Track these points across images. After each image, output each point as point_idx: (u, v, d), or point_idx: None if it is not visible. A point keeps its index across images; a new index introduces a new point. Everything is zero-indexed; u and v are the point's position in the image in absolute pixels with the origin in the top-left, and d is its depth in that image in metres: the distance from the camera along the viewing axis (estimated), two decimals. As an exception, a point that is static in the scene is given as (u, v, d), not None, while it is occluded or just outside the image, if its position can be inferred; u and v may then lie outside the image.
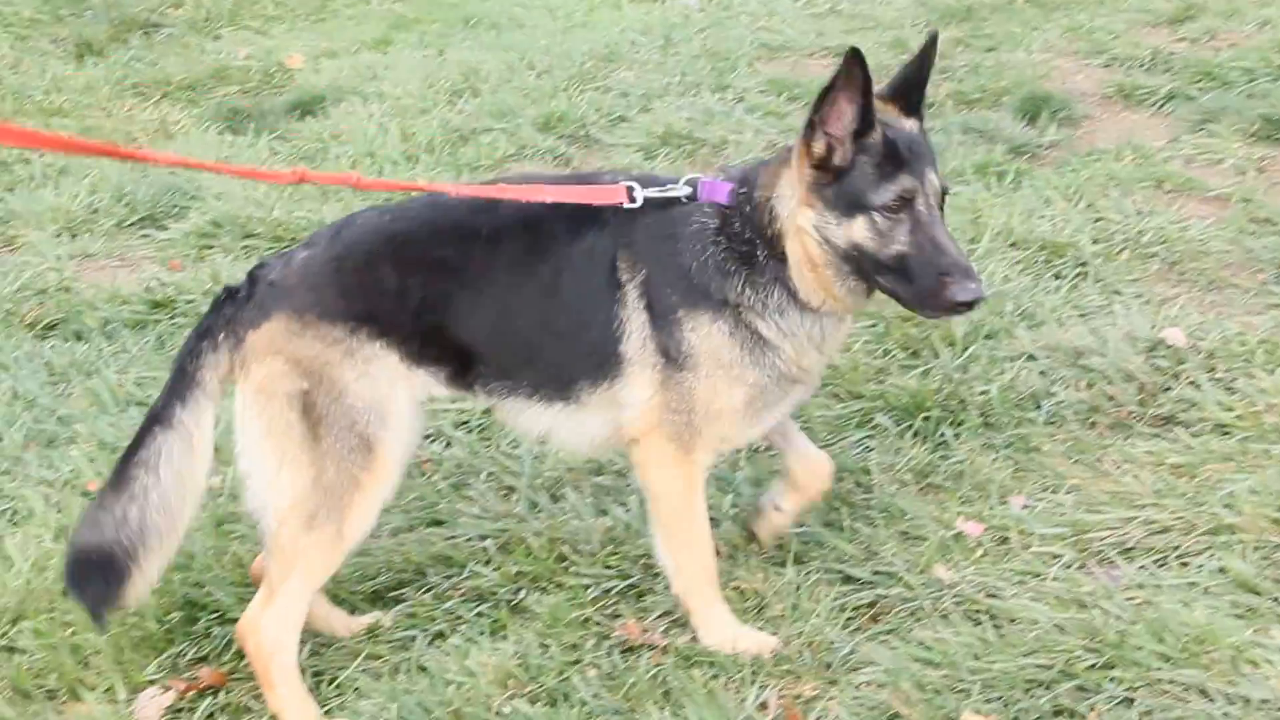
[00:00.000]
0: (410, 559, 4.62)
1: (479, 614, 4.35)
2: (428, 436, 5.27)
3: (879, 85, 3.82)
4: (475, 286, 3.90)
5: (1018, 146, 7.89)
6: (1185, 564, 4.32)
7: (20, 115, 8.64)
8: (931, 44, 3.87)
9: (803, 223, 3.84)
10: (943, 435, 5.16)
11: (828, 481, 4.48)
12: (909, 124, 3.86)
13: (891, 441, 5.15)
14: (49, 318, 6.30)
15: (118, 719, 3.98)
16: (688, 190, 3.97)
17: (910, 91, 3.90)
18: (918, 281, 3.76)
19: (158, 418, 3.91)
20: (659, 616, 4.29)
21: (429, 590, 4.48)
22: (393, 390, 3.89)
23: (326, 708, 4.00)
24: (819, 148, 3.77)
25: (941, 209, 3.81)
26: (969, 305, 3.75)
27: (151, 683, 4.14)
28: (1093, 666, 3.93)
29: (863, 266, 3.82)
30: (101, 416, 5.49)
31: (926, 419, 5.23)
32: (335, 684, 4.09)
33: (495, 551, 4.63)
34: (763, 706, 3.92)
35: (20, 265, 6.82)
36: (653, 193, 3.94)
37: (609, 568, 4.50)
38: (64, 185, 7.65)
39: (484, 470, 5.10)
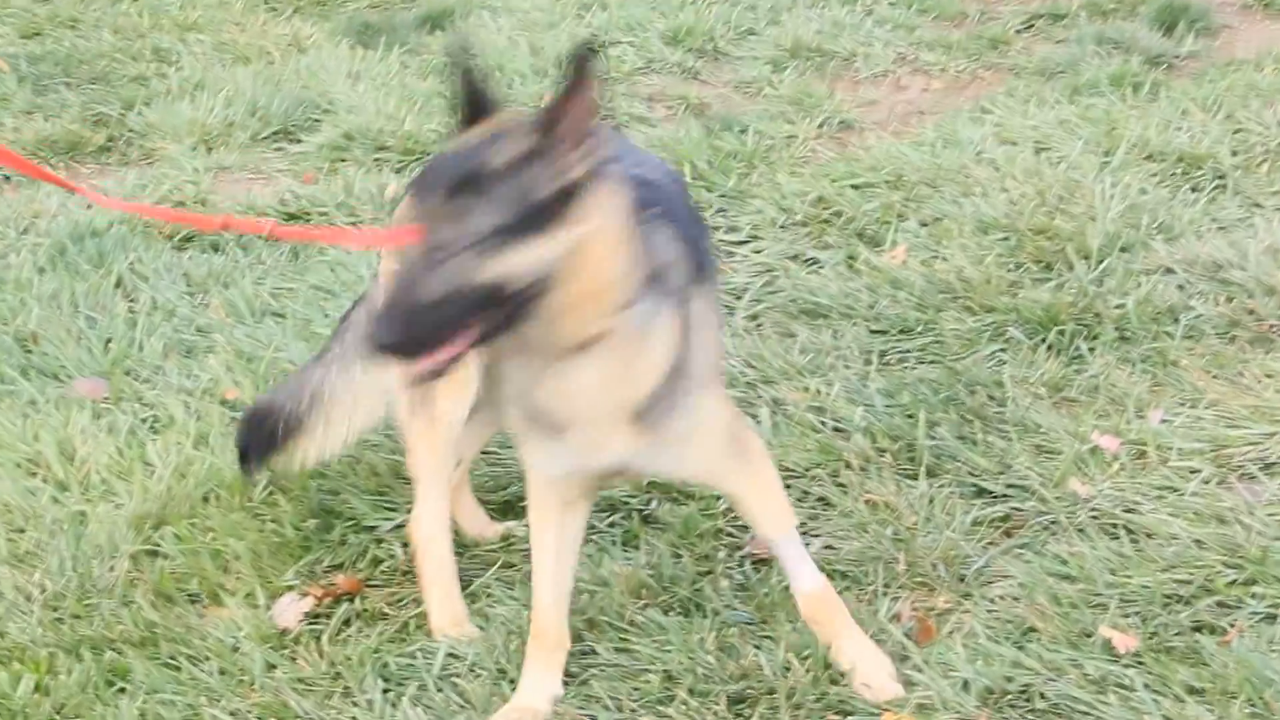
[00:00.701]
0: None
1: (610, 524, 4.37)
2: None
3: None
4: None
5: (1154, 57, 7.74)
6: (1329, 479, 4.26)
7: (156, 30, 8.72)
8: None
9: None
10: (1077, 349, 5.11)
11: None
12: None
13: (1025, 355, 5.10)
14: (187, 229, 6.37)
15: (257, 623, 4.04)
16: None
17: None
18: None
19: (364, 295, 3.97)
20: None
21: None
22: None
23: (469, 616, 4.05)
24: None
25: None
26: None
27: (289, 588, 4.19)
28: (1233, 583, 3.89)
29: None
30: (239, 327, 5.56)
31: (1061, 333, 5.18)
32: (469, 591, 4.13)
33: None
34: (895, 618, 3.92)
35: (159, 177, 6.90)
36: None
37: (740, 479, 4.51)
38: (200, 99, 7.70)
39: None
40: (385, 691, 3.78)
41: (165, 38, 8.65)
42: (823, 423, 4.75)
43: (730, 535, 4.29)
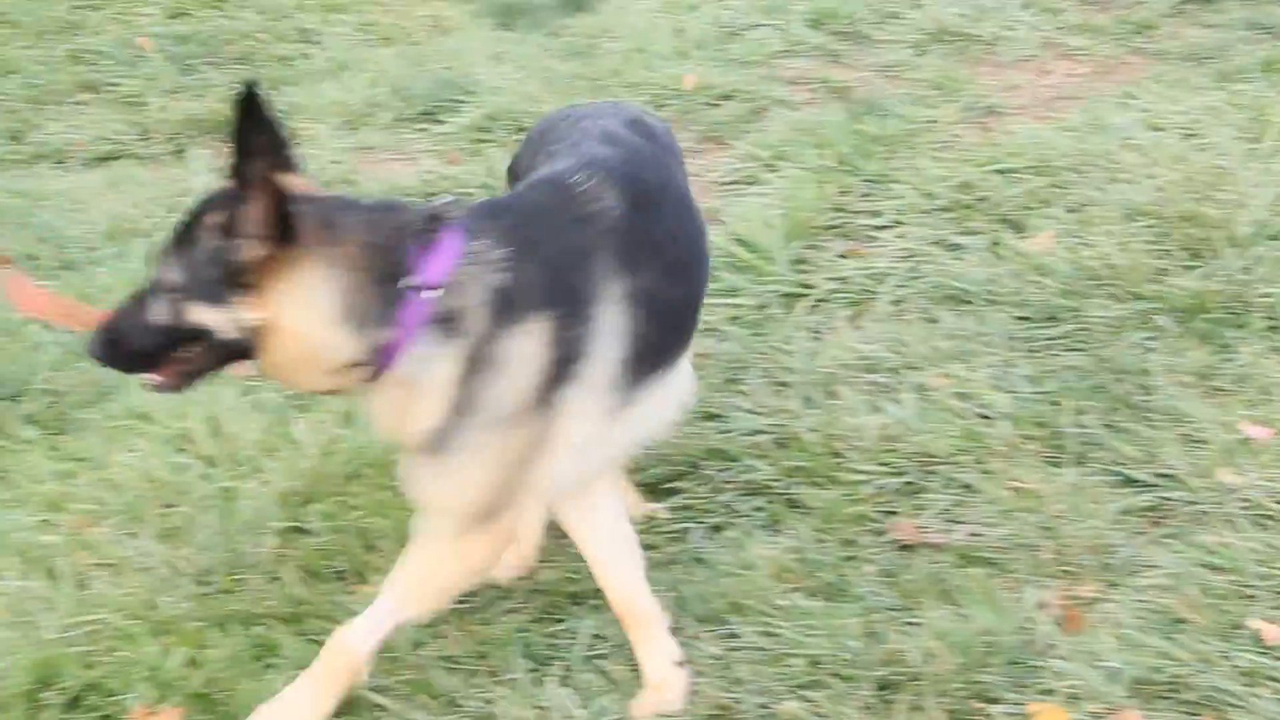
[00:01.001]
0: (684, 452, 4.65)
1: (755, 508, 4.38)
2: (700, 330, 5.31)
3: None
4: None
5: (1307, 42, 7.61)
6: None
7: (301, 10, 8.82)
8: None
9: None
10: (1225, 337, 5.03)
11: None
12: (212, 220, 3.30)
13: (1172, 343, 5.03)
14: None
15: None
16: None
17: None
18: None
19: None
20: (935, 515, 4.27)
21: (704, 483, 4.51)
22: None
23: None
24: None
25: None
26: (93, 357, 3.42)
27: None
28: (1389, 574, 3.82)
29: None
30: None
31: (1209, 320, 5.10)
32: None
33: (769, 446, 4.65)
34: (1042, 606, 3.89)
35: (306, 157, 6.97)
36: None
37: (883, 465, 4.49)
38: (344, 80, 7.80)
39: (757, 365, 5.10)
40: (530, 671, 3.80)
41: (310, 18, 8.76)
42: (967, 409, 4.71)
43: (873, 521, 4.27)
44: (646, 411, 3.64)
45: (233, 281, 3.19)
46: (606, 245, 3.47)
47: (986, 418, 4.67)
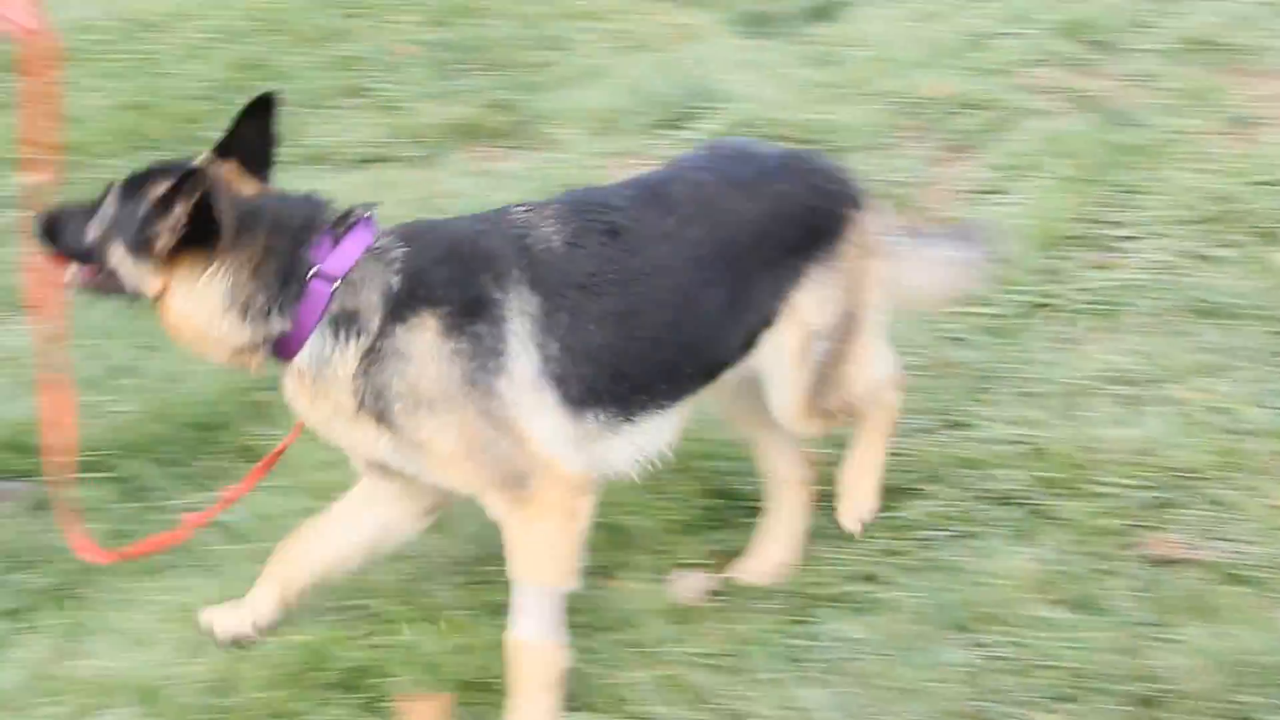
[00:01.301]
0: (931, 459, 4.68)
1: (1003, 518, 4.39)
2: (949, 338, 5.35)
3: None
4: None
5: None
6: None
7: (554, 18, 9.00)
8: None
9: None
10: None
11: None
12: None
13: None
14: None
15: (658, 598, 4.17)
16: None
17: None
18: None
19: None
20: (1189, 530, 4.25)
21: (952, 490, 4.53)
22: None
23: (862, 600, 4.13)
24: None
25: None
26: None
27: (688, 565, 4.32)
28: None
29: None
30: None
31: None
32: (863, 574, 4.20)
33: (1018, 456, 4.66)
34: (1304, 627, 3.85)
35: (560, 162, 7.14)
36: None
37: (1134, 478, 4.47)
38: (595, 86, 7.94)
39: (1005, 374, 5.11)
40: (782, 672, 3.87)
41: (563, 26, 8.91)
42: (1222, 423, 4.67)
43: (1126, 535, 4.25)
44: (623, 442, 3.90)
45: (145, 248, 3.66)
46: (520, 263, 3.73)
47: (1243, 433, 4.62)
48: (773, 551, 4.30)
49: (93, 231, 3.78)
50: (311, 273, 3.67)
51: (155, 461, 5.00)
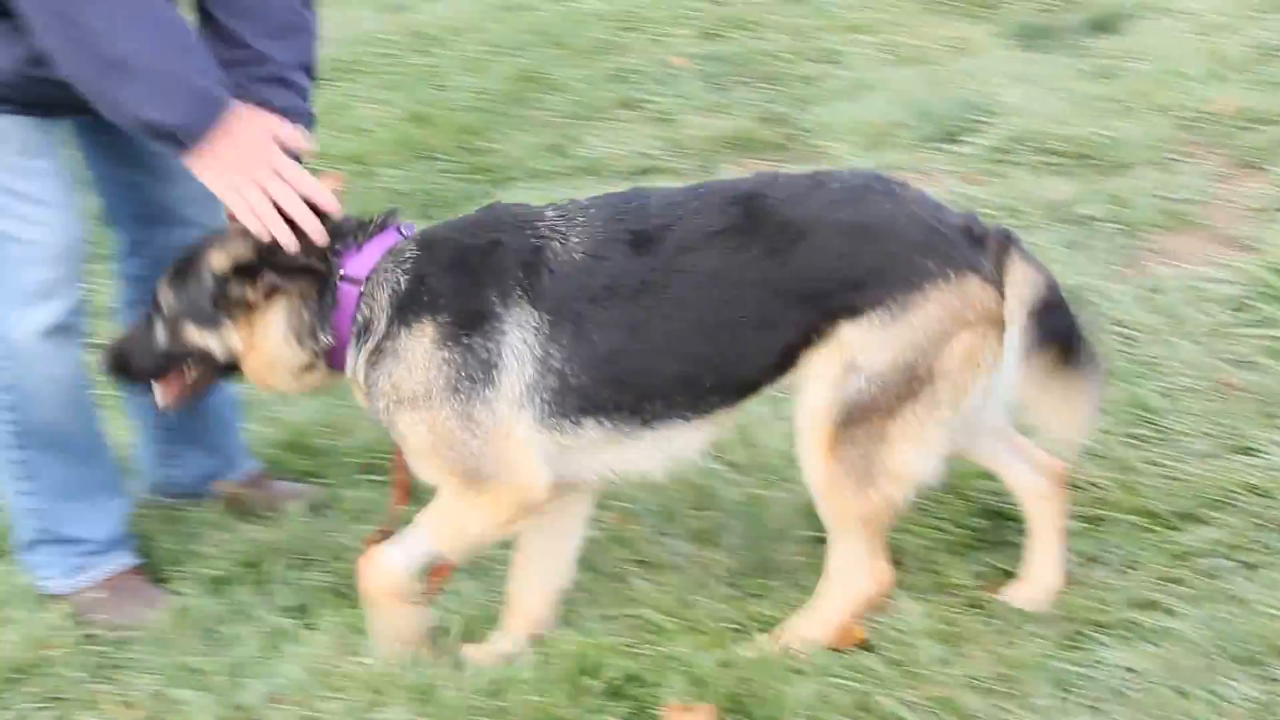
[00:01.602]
0: (1214, 484, 4.54)
1: (1294, 548, 4.24)
2: (1232, 360, 5.19)
3: None
4: None
5: None
6: None
7: (825, 31, 8.98)
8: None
9: None
10: None
11: None
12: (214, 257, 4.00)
13: None
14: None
15: (928, 617, 4.10)
16: None
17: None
18: None
19: None
20: None
21: (1238, 519, 4.38)
22: None
23: (1140, 628, 4.01)
24: None
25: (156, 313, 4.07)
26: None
27: (957, 585, 4.26)
28: None
29: None
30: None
31: None
32: (1145, 604, 4.09)
33: (1308, 483, 4.50)
34: None
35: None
36: None
37: None
38: (866, 99, 7.91)
39: (1294, 400, 4.95)
40: (1056, 698, 3.78)
41: (834, 39, 8.90)
42: None
43: None
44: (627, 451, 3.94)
45: (223, 312, 3.94)
46: (529, 276, 3.83)
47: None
48: (1040, 576, 4.21)
49: (162, 336, 4.03)
50: (338, 277, 3.95)
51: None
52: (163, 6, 3.88)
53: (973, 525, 4.46)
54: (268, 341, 3.97)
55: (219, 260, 3.93)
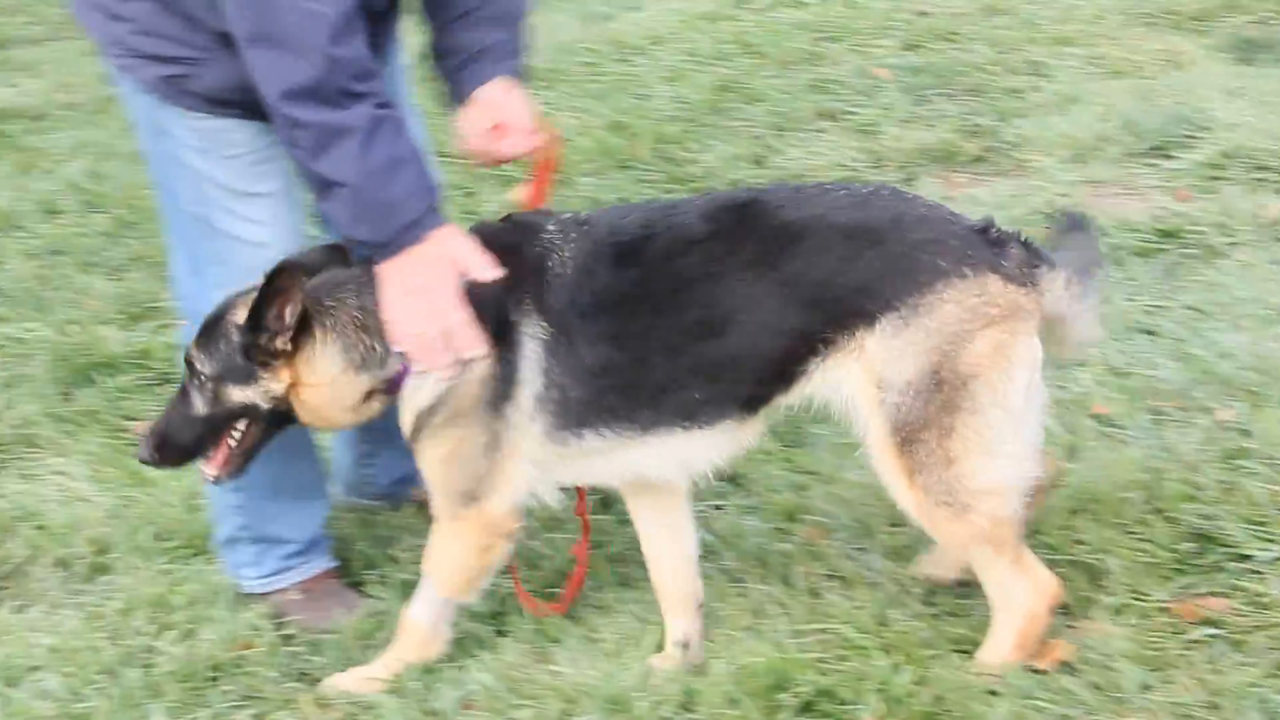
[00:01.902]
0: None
1: None
2: None
3: None
4: None
5: None
6: None
7: (1031, 43, 8.84)
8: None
9: None
10: None
11: None
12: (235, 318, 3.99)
13: None
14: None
15: (1125, 641, 4.02)
16: None
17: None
18: None
19: None
20: None
21: None
22: None
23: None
24: None
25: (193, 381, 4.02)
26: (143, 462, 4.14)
27: (1160, 609, 4.15)
28: None
29: None
30: (1110, 342, 5.55)
31: None
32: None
33: None
34: None
35: (1032, 189, 7.01)
36: None
37: None
38: (1073, 113, 7.76)
39: None
40: (1268, 729, 3.68)
41: (1040, 51, 8.76)
42: None
43: None
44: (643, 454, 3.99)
45: (260, 364, 3.92)
46: (536, 287, 3.88)
47: None
48: None
49: (201, 404, 4.01)
50: None
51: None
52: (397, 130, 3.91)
53: (1179, 549, 4.34)
54: (326, 376, 3.97)
55: (243, 314, 3.93)
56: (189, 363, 4.01)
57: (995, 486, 3.80)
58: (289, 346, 3.91)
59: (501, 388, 3.89)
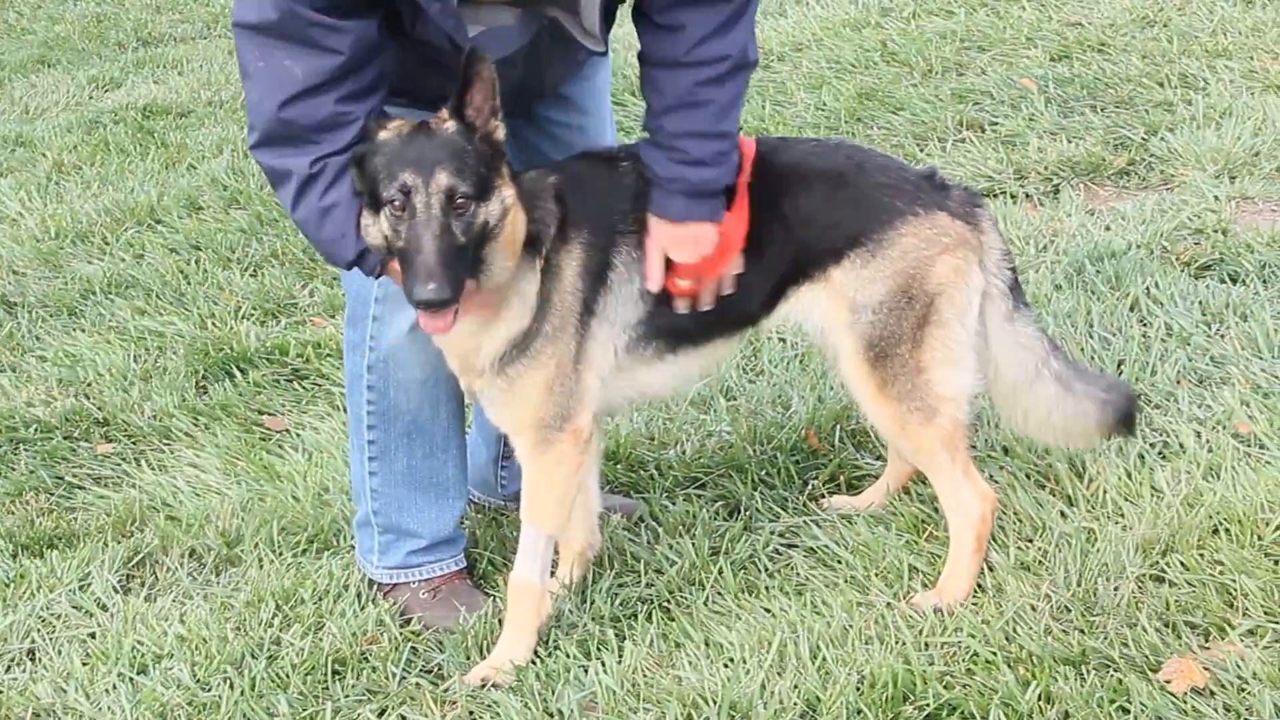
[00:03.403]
0: None
1: None
2: None
3: None
4: None
5: None
6: None
7: (1184, 56, 8.66)
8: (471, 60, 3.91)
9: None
10: None
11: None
12: (446, 126, 3.99)
13: None
14: (1204, 258, 6.30)
15: (1261, 664, 3.93)
16: None
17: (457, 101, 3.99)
18: (406, 276, 3.91)
19: None
20: None
21: None
22: None
23: None
24: None
25: (451, 210, 3.91)
26: (422, 304, 3.87)
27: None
28: None
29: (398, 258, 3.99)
30: (1256, 360, 5.43)
31: None
32: None
33: None
34: None
35: (1179, 204, 6.86)
36: None
37: None
38: (1226, 127, 7.60)
39: None
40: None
41: (1193, 64, 8.57)
42: None
43: None
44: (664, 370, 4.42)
45: (491, 180, 4.02)
46: (625, 200, 4.24)
47: None
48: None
49: (459, 233, 3.96)
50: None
51: (751, 482, 5.08)
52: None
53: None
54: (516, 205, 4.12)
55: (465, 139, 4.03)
56: (449, 194, 3.93)
57: (956, 394, 4.36)
58: (500, 130, 4.05)
59: (594, 292, 4.23)
